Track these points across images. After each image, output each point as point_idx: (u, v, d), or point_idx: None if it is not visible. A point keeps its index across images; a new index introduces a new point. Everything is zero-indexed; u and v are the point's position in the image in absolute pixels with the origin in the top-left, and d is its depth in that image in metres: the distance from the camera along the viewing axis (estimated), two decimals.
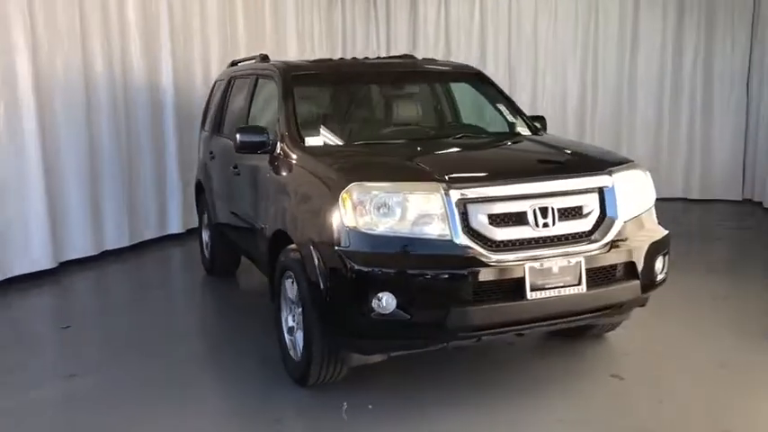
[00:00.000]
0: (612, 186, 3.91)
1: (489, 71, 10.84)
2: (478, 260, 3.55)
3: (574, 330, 4.69)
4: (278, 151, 4.54)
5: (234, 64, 6.61)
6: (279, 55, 9.49)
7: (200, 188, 6.88)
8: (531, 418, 3.80)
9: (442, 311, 3.50)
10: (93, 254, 7.38)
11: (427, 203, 3.58)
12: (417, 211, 3.58)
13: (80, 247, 7.29)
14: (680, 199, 10.34)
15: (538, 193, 3.73)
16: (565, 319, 3.86)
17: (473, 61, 10.94)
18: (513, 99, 10.40)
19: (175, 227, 8.53)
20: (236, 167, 5.39)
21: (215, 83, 6.91)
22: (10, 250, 6.54)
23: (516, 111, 5.27)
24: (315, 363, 3.92)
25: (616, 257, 3.84)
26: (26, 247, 6.67)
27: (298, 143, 4.47)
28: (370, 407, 3.92)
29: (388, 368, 4.16)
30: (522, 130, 5.11)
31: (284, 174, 4.40)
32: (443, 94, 5.62)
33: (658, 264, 4.07)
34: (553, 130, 10.44)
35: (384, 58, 6.19)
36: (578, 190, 3.85)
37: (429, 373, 4.32)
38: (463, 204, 3.60)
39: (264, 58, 5.71)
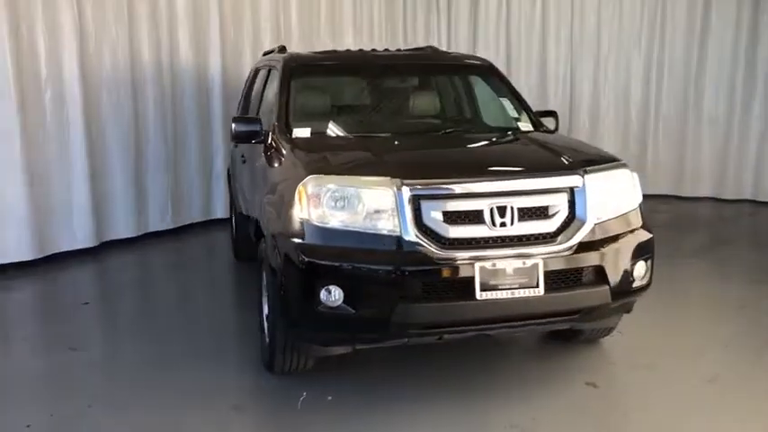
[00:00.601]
0: (583, 187, 3.75)
1: (551, 60, 10.69)
2: (427, 257, 3.50)
3: (566, 333, 4.57)
4: (269, 141, 4.61)
5: (266, 54, 6.72)
6: (334, 45, 9.60)
7: (229, 176, 7.08)
8: (484, 419, 3.73)
9: (387, 307, 3.48)
10: (135, 235, 7.72)
11: (379, 198, 3.56)
12: (369, 205, 3.56)
13: (123, 228, 7.63)
14: (748, 201, 9.75)
15: (496, 192, 3.63)
16: (522, 322, 3.74)
17: (534, 52, 10.77)
18: (575, 87, 10.37)
19: (220, 212, 8.77)
20: (243, 156, 5.51)
21: (249, 73, 7.06)
22: (55, 228, 6.93)
23: (523, 106, 5.11)
24: (278, 351, 3.98)
25: (582, 261, 3.69)
26: (69, 226, 7.05)
27: (285, 134, 4.52)
28: (329, 398, 3.95)
29: (362, 361, 4.19)
30: (525, 125, 4.96)
31: (268, 163, 4.46)
32: (451, 87, 5.53)
33: (638, 269, 3.88)
34: (615, 123, 10.31)
35: (402, 50, 6.12)
36: (543, 190, 3.72)
37: (401, 369, 4.30)
38: (417, 201, 3.55)
39: (282, 49, 5.80)
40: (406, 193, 3.53)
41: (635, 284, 3.89)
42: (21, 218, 6.56)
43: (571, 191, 3.75)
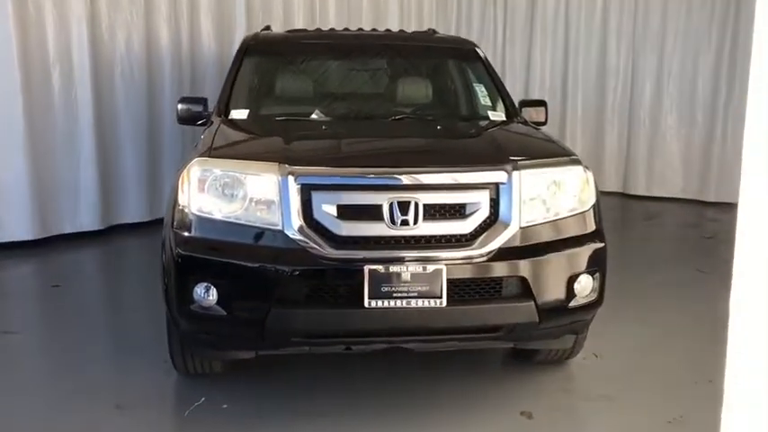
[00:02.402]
0: (509, 184, 3.19)
1: (611, 53, 9.85)
2: (310, 257, 3.06)
3: (521, 353, 4.03)
4: (209, 123, 4.29)
5: None
6: (378, 27, 9.12)
7: None
8: None
9: (261, 311, 3.06)
10: (146, 220, 7.58)
11: (261, 187, 3.16)
12: (251, 194, 3.16)
13: (133, 213, 7.51)
14: None
15: (397, 186, 3.14)
16: (419, 337, 3.23)
17: (594, 42, 9.94)
18: (636, 83, 9.50)
19: None
20: None
21: None
22: (59, 210, 6.87)
23: (501, 93, 4.56)
24: (174, 351, 3.65)
25: (499, 270, 3.15)
26: (75, 208, 6.98)
27: (221, 115, 4.20)
28: (224, 406, 3.58)
29: (283, 367, 3.85)
30: (498, 115, 4.41)
31: None
32: (423, 70, 5.00)
33: (579, 284, 3.29)
34: (678, 123, 9.38)
35: (388, 31, 5.62)
36: (457, 185, 3.20)
37: (321, 379, 3.87)
38: (307, 191, 3.12)
39: (266, 29, 5.48)
40: (293, 182, 3.10)
41: (574, 302, 3.29)
42: (22, 197, 6.50)
43: (495, 188, 3.20)
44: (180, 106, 4.44)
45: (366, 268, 3.02)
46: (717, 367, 3.96)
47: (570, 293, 3.27)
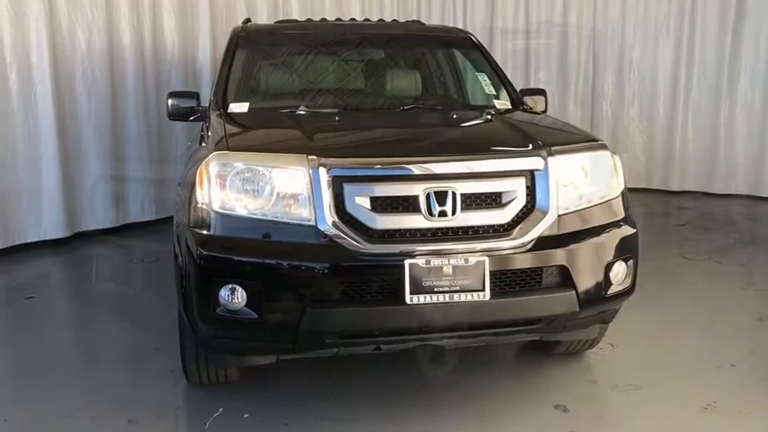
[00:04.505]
0: (546, 170, 3.10)
1: (571, 44, 9.89)
2: (346, 252, 2.90)
3: (541, 345, 3.93)
4: (206, 118, 4.07)
5: None
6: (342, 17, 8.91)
7: None
8: None
9: (296, 313, 2.88)
10: (113, 226, 7.26)
11: (290, 180, 2.98)
12: (279, 188, 2.98)
13: (99, 219, 7.17)
14: None
15: (434, 175, 3.00)
16: (462, 333, 3.10)
17: (554, 40, 9.98)
18: (597, 76, 9.60)
19: None
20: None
21: None
22: (21, 217, 6.50)
23: (503, 82, 4.47)
24: (189, 359, 3.43)
25: (541, 259, 3.04)
26: (38, 215, 6.62)
27: (219, 109, 3.98)
28: (245, 415, 3.37)
29: (302, 370, 3.69)
30: (503, 103, 4.32)
31: (197, 144, 3.91)
32: (423, 60, 4.89)
33: (614, 271, 3.22)
34: (640, 114, 9.50)
35: (379, 21, 5.49)
36: (494, 173, 3.09)
37: (342, 380, 3.71)
38: (339, 183, 2.95)
39: (246, 21, 5.26)
40: (324, 173, 2.93)
41: (611, 290, 3.22)
42: None
43: (531, 175, 3.10)
44: (170, 101, 4.21)
45: (406, 262, 2.88)
46: (736, 351, 4.03)
47: (607, 281, 3.20)
